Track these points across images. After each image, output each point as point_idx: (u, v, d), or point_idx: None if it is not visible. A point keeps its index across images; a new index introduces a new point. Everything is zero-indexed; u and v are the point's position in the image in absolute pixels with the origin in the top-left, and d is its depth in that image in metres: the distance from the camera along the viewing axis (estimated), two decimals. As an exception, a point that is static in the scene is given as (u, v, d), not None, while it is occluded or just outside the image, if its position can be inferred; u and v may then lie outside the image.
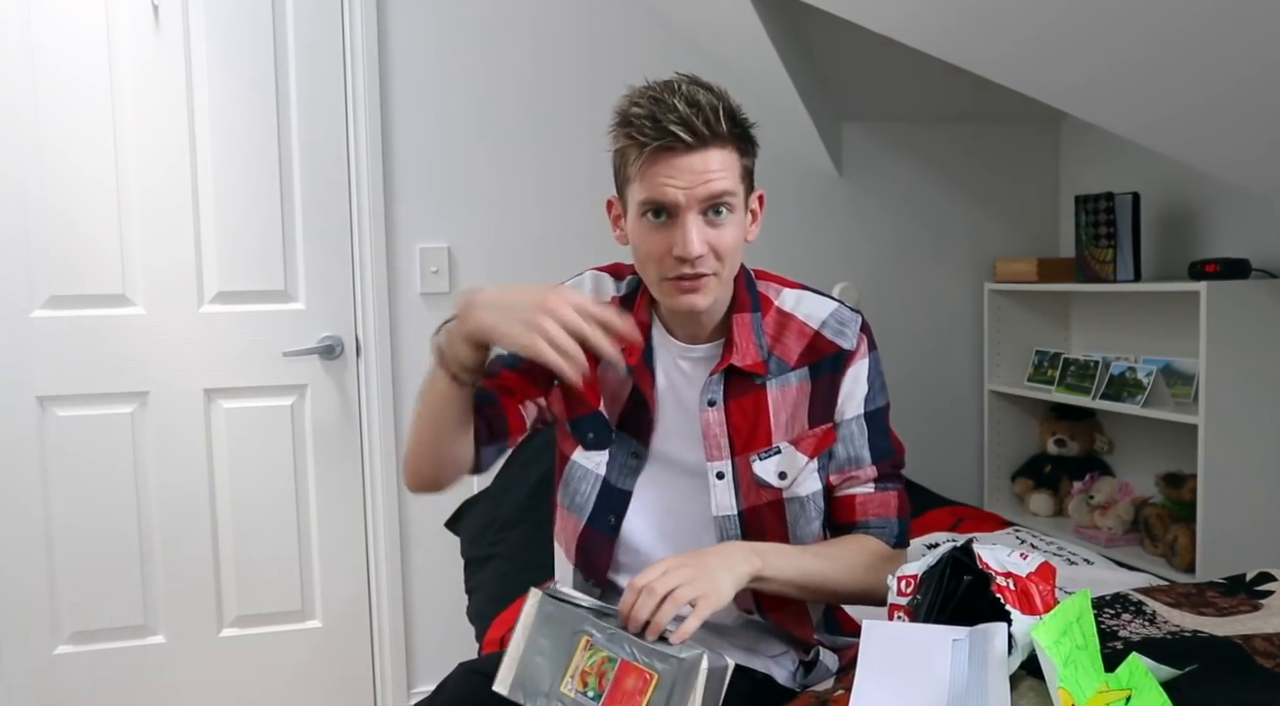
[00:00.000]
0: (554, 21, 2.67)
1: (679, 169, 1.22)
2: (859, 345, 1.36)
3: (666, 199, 1.23)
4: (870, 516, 1.37)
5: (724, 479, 1.34)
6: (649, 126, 1.21)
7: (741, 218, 1.30)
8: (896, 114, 2.93)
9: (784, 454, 1.34)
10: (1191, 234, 2.61)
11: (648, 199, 1.25)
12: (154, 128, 2.45)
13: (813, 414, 1.35)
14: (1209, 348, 2.23)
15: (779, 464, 1.34)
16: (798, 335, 1.36)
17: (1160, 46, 1.76)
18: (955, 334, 3.03)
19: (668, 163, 1.22)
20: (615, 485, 1.38)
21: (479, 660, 1.46)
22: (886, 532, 1.37)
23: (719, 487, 1.35)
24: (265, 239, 2.53)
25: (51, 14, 2.37)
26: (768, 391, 1.35)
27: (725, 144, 1.24)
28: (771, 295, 1.39)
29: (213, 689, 2.57)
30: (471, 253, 2.64)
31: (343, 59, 2.55)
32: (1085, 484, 2.75)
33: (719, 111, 1.22)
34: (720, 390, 1.34)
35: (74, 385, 2.44)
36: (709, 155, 1.23)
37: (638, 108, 1.23)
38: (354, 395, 2.63)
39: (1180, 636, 1.31)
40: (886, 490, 1.38)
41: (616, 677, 1.12)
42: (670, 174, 1.22)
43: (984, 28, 1.99)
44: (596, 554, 1.40)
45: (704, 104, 1.22)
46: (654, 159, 1.22)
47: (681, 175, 1.22)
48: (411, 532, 2.65)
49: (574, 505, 1.41)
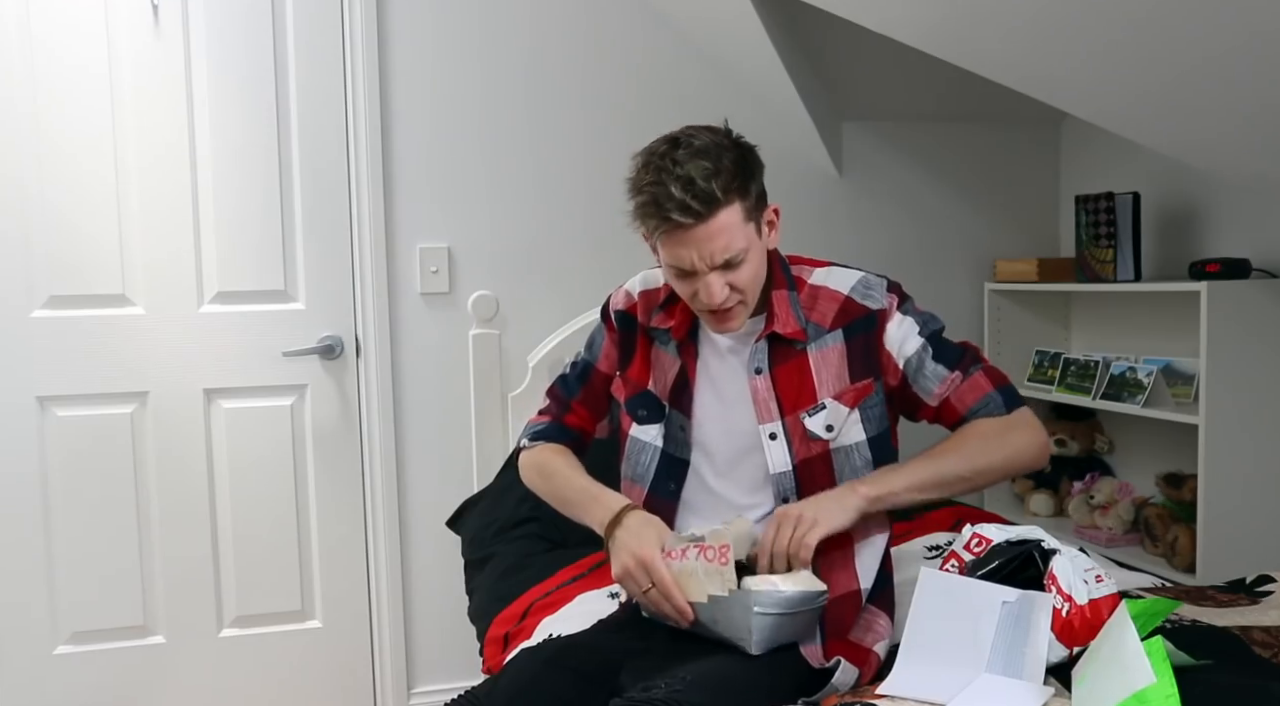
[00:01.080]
0: (554, 22, 2.67)
1: (689, 242, 1.38)
2: (890, 304, 1.53)
3: (686, 265, 1.41)
4: (971, 403, 1.50)
5: (776, 439, 1.49)
6: (654, 212, 1.37)
7: (758, 252, 1.45)
8: (896, 114, 2.93)
9: (829, 408, 1.48)
10: (1191, 234, 2.61)
11: (669, 264, 1.44)
12: (154, 127, 2.45)
13: (852, 370, 1.50)
14: (1209, 348, 2.23)
15: (826, 418, 1.48)
16: (829, 301, 1.52)
17: (1160, 46, 1.76)
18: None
19: (678, 239, 1.39)
20: (673, 455, 1.55)
21: (539, 646, 1.53)
22: (993, 405, 1.49)
23: (773, 447, 1.49)
24: (265, 239, 2.53)
25: (51, 13, 2.37)
26: (809, 355, 1.50)
27: (728, 204, 1.38)
28: (804, 275, 1.56)
29: (213, 689, 2.57)
30: (471, 253, 2.64)
31: (343, 59, 2.55)
32: (1085, 484, 2.75)
33: (713, 180, 1.36)
34: (765, 358, 1.50)
35: (74, 385, 2.44)
36: (711, 225, 1.37)
37: (642, 195, 1.39)
38: (354, 395, 2.62)
39: (1180, 625, 1.32)
40: (970, 375, 1.51)
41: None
42: (683, 246, 1.39)
43: (983, 27, 1.99)
44: (660, 518, 1.50)
45: (698, 180, 1.35)
46: (666, 237, 1.40)
47: (692, 247, 1.39)
48: (411, 532, 2.65)
49: (636, 475, 1.58)
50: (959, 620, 1.12)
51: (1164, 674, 1.01)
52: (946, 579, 1.18)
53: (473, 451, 2.64)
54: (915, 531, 2.23)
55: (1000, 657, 1.09)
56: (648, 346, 1.60)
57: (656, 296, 1.60)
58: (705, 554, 1.33)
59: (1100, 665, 1.08)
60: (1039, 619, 1.10)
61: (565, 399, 1.70)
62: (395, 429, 2.61)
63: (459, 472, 2.65)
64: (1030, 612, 1.10)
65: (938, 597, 1.16)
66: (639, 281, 1.65)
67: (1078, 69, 1.99)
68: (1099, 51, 1.88)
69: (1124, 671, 1.02)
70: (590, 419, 1.69)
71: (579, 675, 1.38)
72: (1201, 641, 1.26)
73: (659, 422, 1.56)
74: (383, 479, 2.60)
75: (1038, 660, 1.08)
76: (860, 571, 1.49)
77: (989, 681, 1.07)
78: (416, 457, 2.64)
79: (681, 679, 1.26)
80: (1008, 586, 1.17)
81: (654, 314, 1.59)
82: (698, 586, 1.33)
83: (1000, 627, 1.10)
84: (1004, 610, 1.11)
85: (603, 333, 1.68)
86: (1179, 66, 1.80)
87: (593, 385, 1.68)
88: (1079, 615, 1.18)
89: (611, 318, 1.66)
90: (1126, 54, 1.84)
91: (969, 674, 1.08)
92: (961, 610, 1.13)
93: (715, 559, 1.32)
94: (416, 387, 2.63)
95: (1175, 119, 2.02)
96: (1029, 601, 1.12)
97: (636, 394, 1.59)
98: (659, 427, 1.56)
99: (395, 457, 2.61)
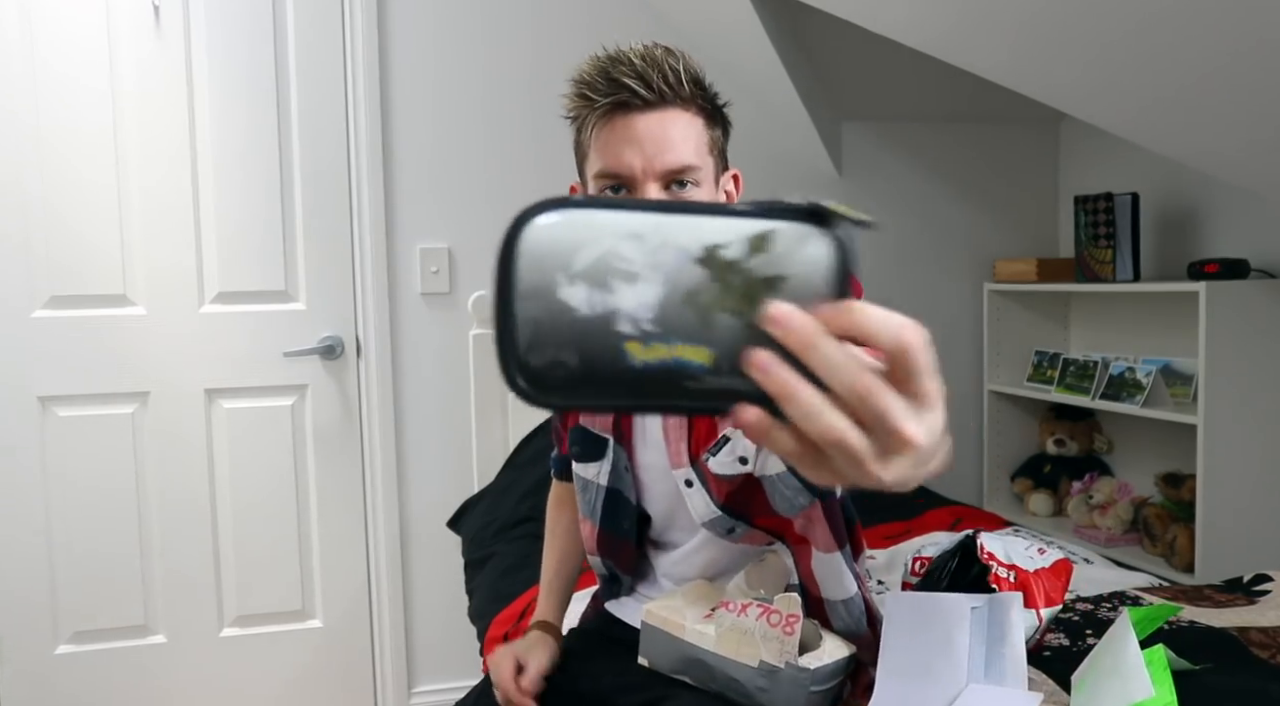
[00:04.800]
0: (553, 22, 2.67)
1: (635, 133, 1.12)
2: None
3: (623, 169, 1.14)
4: None
5: (693, 486, 1.27)
6: (601, 83, 1.13)
7: (711, 197, 1.19)
8: (896, 114, 2.93)
9: (734, 439, 1.23)
10: (1191, 234, 2.62)
11: (603, 170, 1.16)
12: (154, 127, 2.46)
13: None
14: (1208, 348, 2.24)
15: (733, 450, 1.23)
16: None
17: (1159, 46, 1.76)
18: (955, 334, 3.03)
19: (624, 125, 1.13)
20: (622, 492, 1.37)
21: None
22: None
23: (692, 496, 1.28)
24: (266, 239, 2.54)
25: (51, 14, 2.38)
26: None
27: (688, 106, 1.15)
28: None
29: (213, 689, 2.57)
30: (471, 253, 2.64)
31: (343, 59, 2.56)
32: (1085, 484, 2.76)
33: (679, 72, 1.13)
34: None
35: (74, 385, 2.45)
36: (668, 117, 1.13)
37: (590, 68, 1.15)
38: (354, 395, 2.63)
39: (1178, 626, 1.32)
40: None
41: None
42: (626, 139, 1.13)
43: (983, 28, 1.99)
44: (619, 552, 1.41)
45: (662, 61, 1.13)
46: (609, 122, 1.14)
47: (638, 141, 1.12)
48: (411, 532, 2.65)
49: (586, 511, 1.43)
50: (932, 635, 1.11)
51: (1163, 682, 1.01)
52: (912, 597, 1.17)
53: (473, 451, 2.65)
54: (914, 531, 2.23)
55: (980, 664, 1.08)
56: None
57: None
58: (769, 618, 1.20)
59: (1100, 674, 1.08)
60: (1011, 618, 1.09)
61: (557, 427, 1.54)
62: (395, 429, 2.61)
63: (459, 472, 2.65)
64: (1001, 613, 1.10)
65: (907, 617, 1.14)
66: None
67: (1087, 75, 1.99)
68: (1103, 55, 1.88)
69: (1124, 682, 1.03)
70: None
71: (561, 686, 1.36)
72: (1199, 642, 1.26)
73: (598, 461, 1.37)
74: (383, 479, 2.61)
75: (1017, 660, 1.08)
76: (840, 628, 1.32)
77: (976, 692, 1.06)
78: (416, 457, 2.64)
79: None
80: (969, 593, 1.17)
81: None
82: (750, 648, 1.21)
83: (974, 634, 1.09)
84: (974, 616, 1.10)
85: None
86: (1191, 71, 1.80)
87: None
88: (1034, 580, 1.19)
89: None
90: (1132, 57, 1.84)
91: (952, 687, 1.07)
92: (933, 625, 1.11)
93: (780, 626, 1.19)
94: (417, 388, 2.64)
95: (1181, 123, 2.02)
96: (997, 603, 1.11)
97: (573, 428, 1.40)
98: (598, 465, 1.37)
99: (395, 458, 2.62)
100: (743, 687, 1.21)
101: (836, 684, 1.23)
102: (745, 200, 0.80)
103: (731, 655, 1.21)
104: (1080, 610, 1.51)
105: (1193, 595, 1.53)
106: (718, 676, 1.23)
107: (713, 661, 1.22)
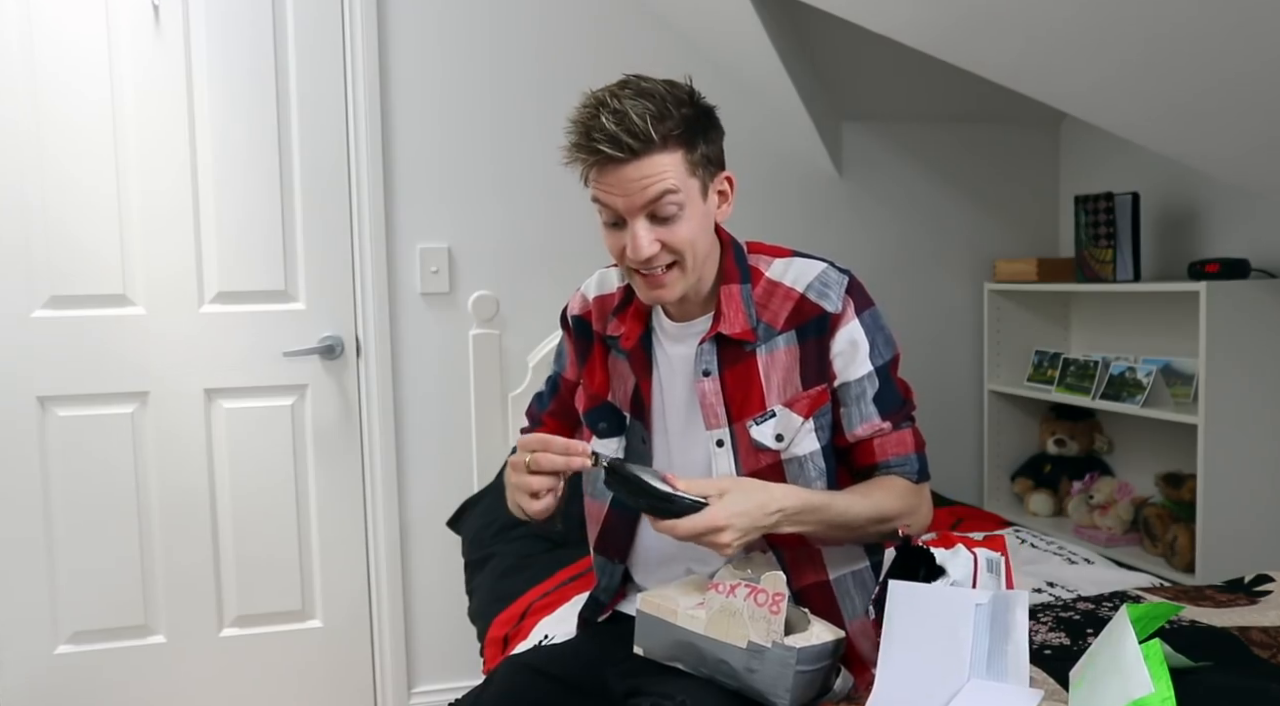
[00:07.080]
0: (554, 22, 2.67)
1: (616, 179, 1.29)
2: (845, 308, 1.38)
3: (614, 206, 1.31)
4: (890, 456, 1.40)
5: (723, 446, 1.39)
6: (583, 143, 1.29)
7: (699, 208, 1.34)
8: (896, 114, 2.93)
9: (779, 416, 1.37)
10: (1191, 234, 2.62)
11: (598, 206, 1.34)
12: (154, 127, 2.45)
13: (805, 376, 1.38)
14: (1209, 348, 2.23)
15: (775, 426, 1.37)
16: (783, 299, 1.39)
17: (1159, 46, 1.76)
18: (955, 334, 3.03)
19: (606, 174, 1.30)
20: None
21: (525, 653, 1.51)
22: (907, 469, 1.41)
23: (719, 455, 1.40)
24: (265, 239, 2.54)
25: (51, 14, 2.37)
26: (757, 357, 1.38)
27: (662, 147, 1.28)
28: (762, 267, 1.43)
29: (213, 689, 2.57)
30: (471, 253, 2.64)
31: (343, 59, 2.56)
32: (1085, 484, 2.75)
33: (648, 119, 1.26)
34: (714, 360, 1.40)
35: (74, 385, 2.44)
36: (643, 164, 1.28)
37: (575, 125, 1.31)
38: (354, 395, 2.63)
39: (1179, 625, 1.32)
40: (900, 429, 1.41)
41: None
42: (609, 184, 1.30)
43: (984, 29, 1.99)
44: (621, 533, 1.47)
45: (632, 114, 1.26)
46: (596, 171, 1.31)
47: (619, 186, 1.29)
48: (411, 532, 2.65)
49: (596, 491, 1.50)
50: (934, 628, 1.11)
51: (1161, 677, 1.01)
52: (916, 588, 1.17)
53: (473, 451, 2.64)
54: (915, 531, 2.23)
55: (982, 660, 1.09)
56: (605, 354, 1.50)
57: (611, 301, 1.52)
58: (756, 597, 1.24)
59: (1098, 670, 1.08)
60: (1017, 616, 1.10)
61: (537, 413, 1.64)
62: (395, 429, 2.61)
63: (459, 472, 2.65)
64: (1006, 611, 1.10)
65: (909, 608, 1.14)
66: (594, 284, 1.56)
67: (1087, 76, 1.99)
68: (1108, 57, 1.88)
69: (1122, 678, 1.02)
70: (563, 430, 1.58)
71: (564, 683, 1.37)
72: (1200, 642, 1.26)
73: (619, 436, 1.47)
74: (383, 479, 2.61)
75: (1020, 658, 1.08)
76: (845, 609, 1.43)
77: (977, 687, 1.07)
78: (416, 457, 2.64)
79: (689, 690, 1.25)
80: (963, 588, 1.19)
81: (608, 320, 1.50)
82: (739, 628, 1.24)
83: (977, 630, 1.09)
84: (978, 612, 1.10)
85: (565, 340, 1.61)
86: (1179, 68, 1.80)
87: (562, 396, 1.60)
88: (952, 538, 1.25)
89: (569, 323, 1.58)
90: (1138, 60, 1.84)
91: (953, 681, 1.08)
92: (935, 617, 1.12)
93: (766, 605, 1.23)
94: (417, 387, 2.63)
95: (1186, 125, 2.02)
96: (1004, 600, 1.12)
97: (596, 406, 1.50)
98: (619, 441, 1.47)
99: (395, 457, 2.61)
100: (732, 669, 1.25)
101: (825, 666, 1.26)
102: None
103: (721, 637, 1.25)
104: (1081, 609, 1.51)
105: (1193, 595, 1.53)
106: (708, 659, 1.27)
107: (704, 645, 1.27)
